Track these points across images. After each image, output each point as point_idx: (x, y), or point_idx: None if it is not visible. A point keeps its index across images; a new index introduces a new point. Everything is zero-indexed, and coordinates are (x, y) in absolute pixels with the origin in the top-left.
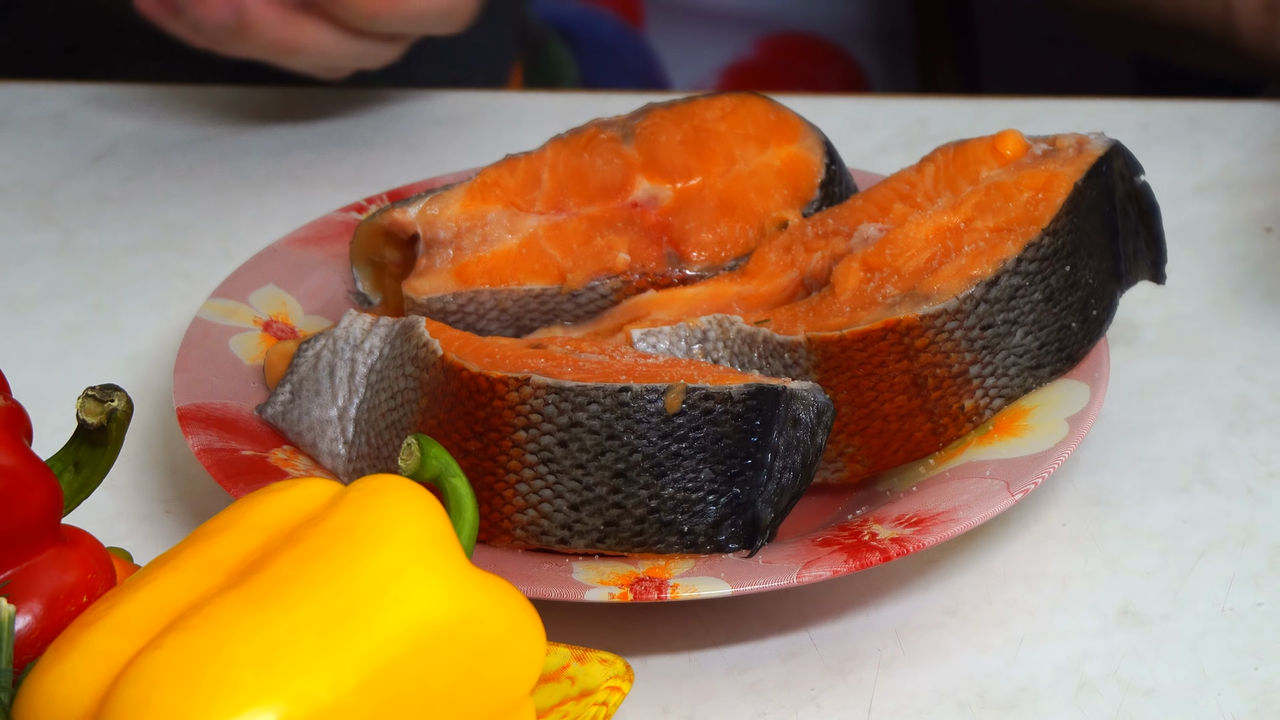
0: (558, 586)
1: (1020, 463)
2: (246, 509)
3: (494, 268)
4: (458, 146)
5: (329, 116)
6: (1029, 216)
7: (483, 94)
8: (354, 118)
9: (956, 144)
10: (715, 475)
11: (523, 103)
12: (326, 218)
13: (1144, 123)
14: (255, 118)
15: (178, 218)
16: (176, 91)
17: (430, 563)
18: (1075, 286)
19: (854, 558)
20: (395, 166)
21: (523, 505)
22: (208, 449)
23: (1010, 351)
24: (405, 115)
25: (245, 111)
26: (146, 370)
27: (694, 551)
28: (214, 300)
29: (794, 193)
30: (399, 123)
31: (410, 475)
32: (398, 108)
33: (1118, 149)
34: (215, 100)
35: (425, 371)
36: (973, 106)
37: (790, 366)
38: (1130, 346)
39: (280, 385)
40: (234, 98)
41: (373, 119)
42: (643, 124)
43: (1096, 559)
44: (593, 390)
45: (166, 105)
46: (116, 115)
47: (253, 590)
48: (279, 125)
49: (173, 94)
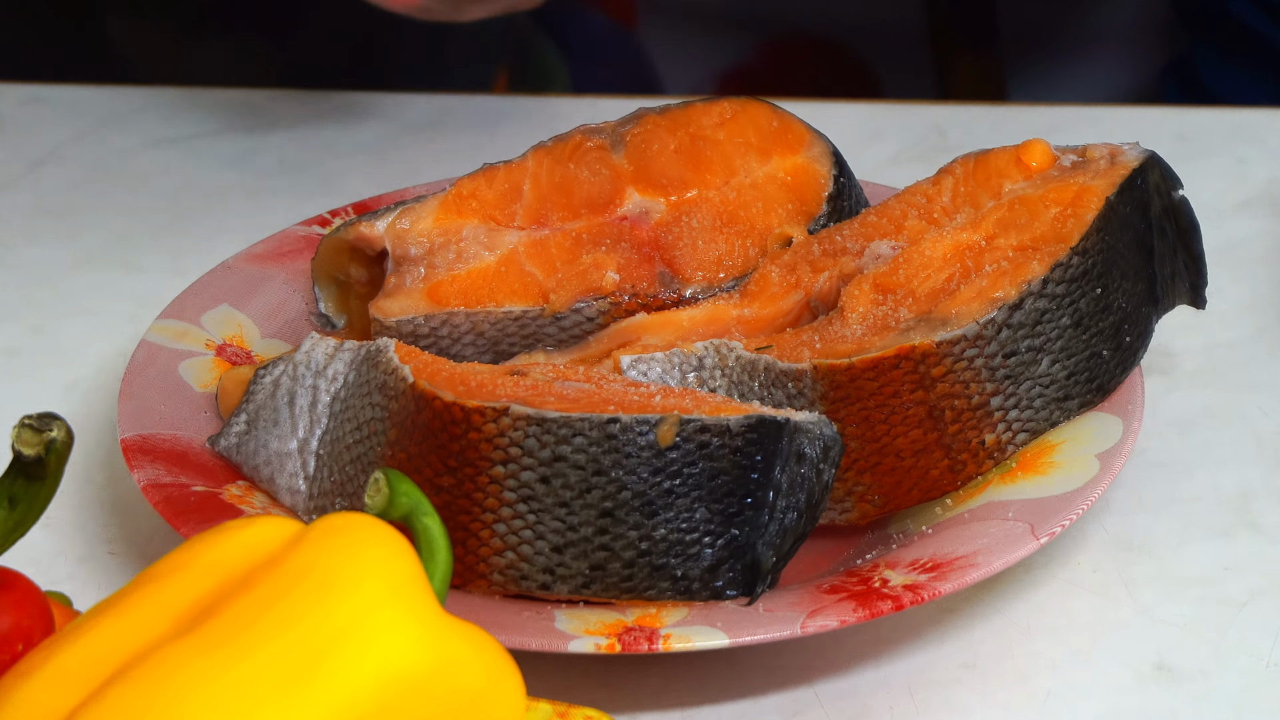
0: (539, 636)
1: (1046, 503)
2: (197, 550)
3: (470, 287)
4: (431, 154)
5: (290, 121)
6: (1056, 234)
7: (457, 97)
8: (318, 123)
9: (977, 154)
10: (712, 515)
11: (502, 106)
12: (286, 232)
13: (1182, 132)
14: (209, 122)
15: (124, 231)
16: (123, 93)
17: (399, 609)
18: (1107, 311)
19: (863, 606)
20: (362, 176)
21: (501, 547)
22: (155, 484)
23: (1035, 381)
24: (374, 120)
25: (198, 115)
26: (88, 398)
27: (688, 598)
28: (163, 321)
29: (799, 207)
30: (367, 128)
31: (378, 513)
32: (366, 112)
33: (1154, 161)
34: (165, 103)
35: (394, 400)
36: (995, 114)
37: (794, 397)
38: (1167, 377)
39: (235, 415)
40: (185, 100)
41: (338, 124)
42: (634, 131)
43: (1129, 609)
44: (578, 421)
45: (112, 108)
46: (58, 119)
47: (204, 639)
48: (235, 131)
49: (119, 96)
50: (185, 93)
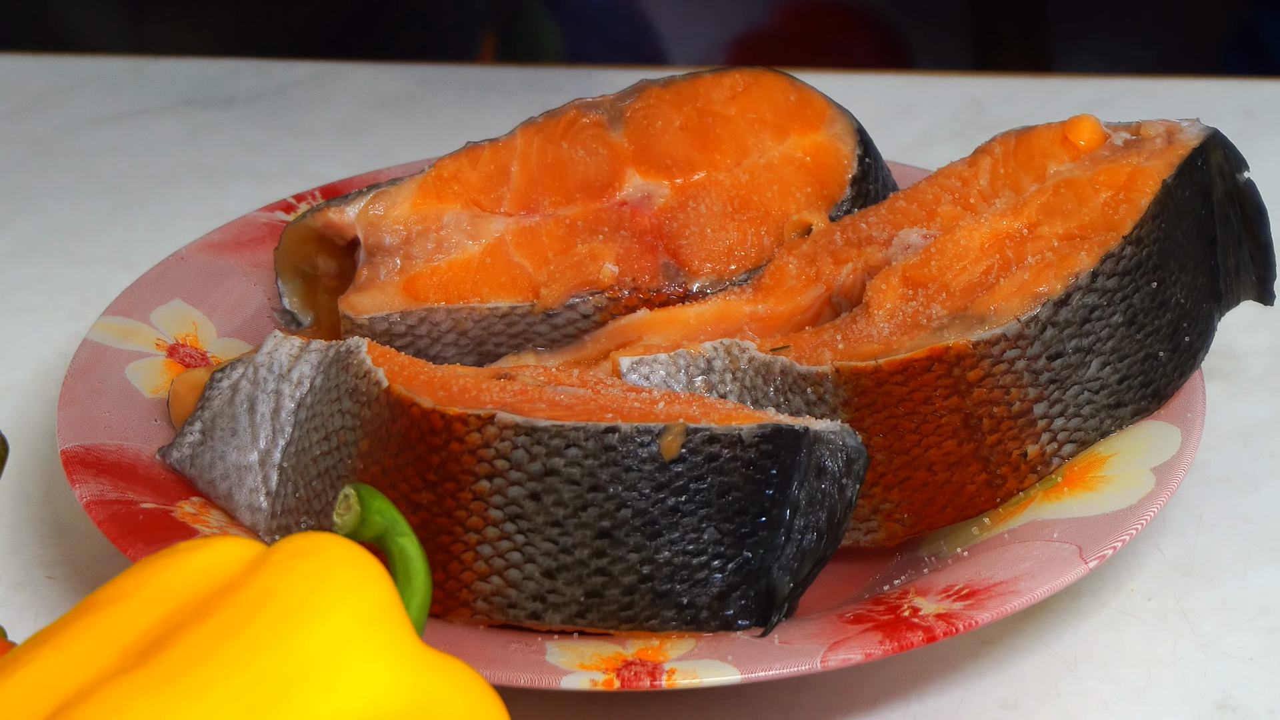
0: (528, 671)
1: (1095, 523)
2: (147, 574)
3: (451, 281)
4: (408, 132)
5: (249, 94)
6: (1107, 221)
7: (439, 67)
8: (280, 96)
9: (1019, 132)
10: (721, 536)
11: (488, 78)
12: (246, 219)
13: (1248, 107)
14: (158, 95)
15: (64, 218)
16: (63, 63)
17: (372, 641)
18: (1163, 307)
19: (891, 638)
20: (330, 156)
21: (486, 571)
22: (99, 500)
23: (1084, 386)
24: (344, 93)
25: (145, 87)
26: (24, 404)
27: (695, 629)
28: (108, 319)
29: (819, 191)
30: (335, 102)
31: (348, 534)
32: (334, 83)
33: (1216, 139)
34: (109, 73)
35: (366, 407)
36: (1038, 86)
37: (814, 403)
38: (1230, 381)
39: (188, 423)
40: (132, 71)
41: (303, 97)
42: (634, 106)
43: (1188, 641)
44: (572, 431)
45: (49, 80)
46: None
47: (154, 674)
48: (187, 105)
49: (57, 66)
50: (132, 63)
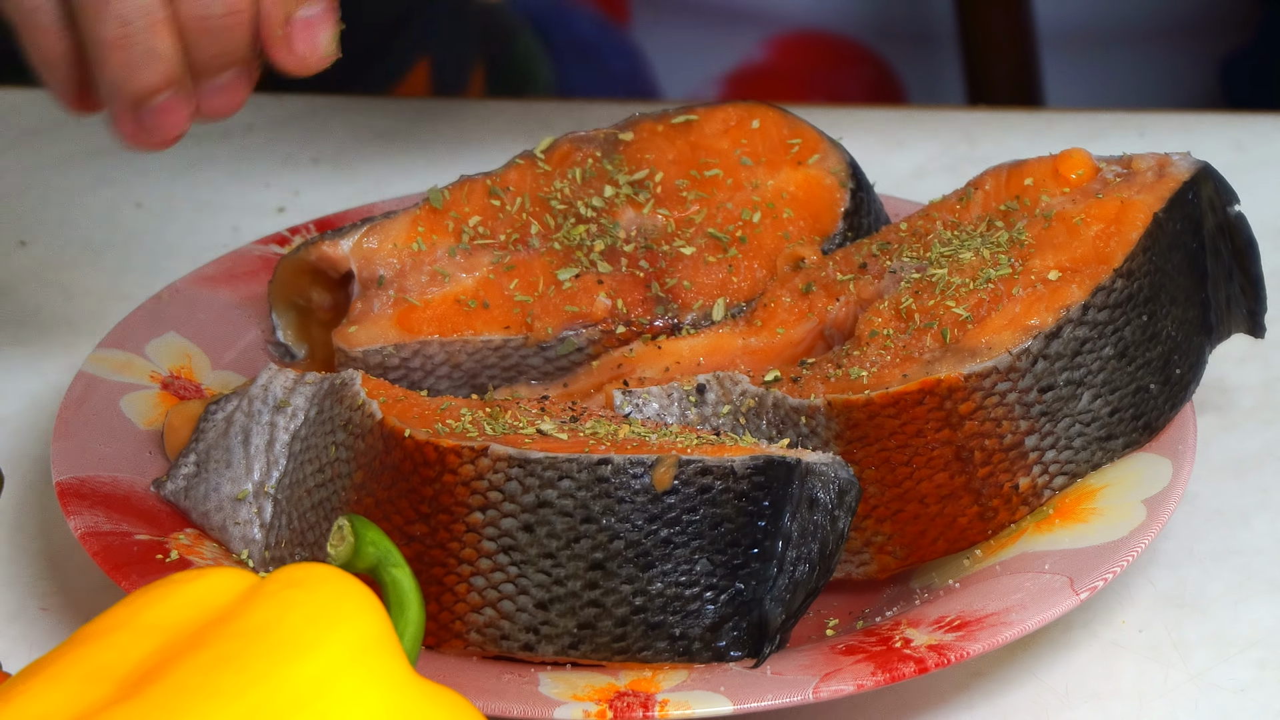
0: (521, 702)
1: (1086, 554)
2: (141, 606)
3: (445, 314)
4: (402, 165)
5: (243, 127)
6: (1098, 254)
7: (432, 101)
8: (274, 129)
9: (1010, 166)
10: (714, 567)
11: (481, 112)
12: (240, 252)
13: (1239, 141)
14: None
15: (59, 251)
16: None
17: (367, 671)
18: (1154, 340)
19: (883, 669)
20: (325, 190)
21: (479, 603)
22: (94, 532)
23: (1075, 419)
24: (338, 127)
25: None
26: (19, 436)
27: (688, 660)
28: (102, 351)
29: (812, 224)
30: (329, 136)
31: (342, 565)
32: (328, 117)
33: (1207, 173)
34: None
35: (360, 439)
36: (1030, 120)
37: (807, 436)
38: (1222, 414)
39: (183, 455)
40: None
41: (298, 131)
42: (627, 139)
43: (1179, 673)
44: (565, 463)
45: (45, 112)
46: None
47: (148, 704)
48: (183, 138)
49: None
50: None
